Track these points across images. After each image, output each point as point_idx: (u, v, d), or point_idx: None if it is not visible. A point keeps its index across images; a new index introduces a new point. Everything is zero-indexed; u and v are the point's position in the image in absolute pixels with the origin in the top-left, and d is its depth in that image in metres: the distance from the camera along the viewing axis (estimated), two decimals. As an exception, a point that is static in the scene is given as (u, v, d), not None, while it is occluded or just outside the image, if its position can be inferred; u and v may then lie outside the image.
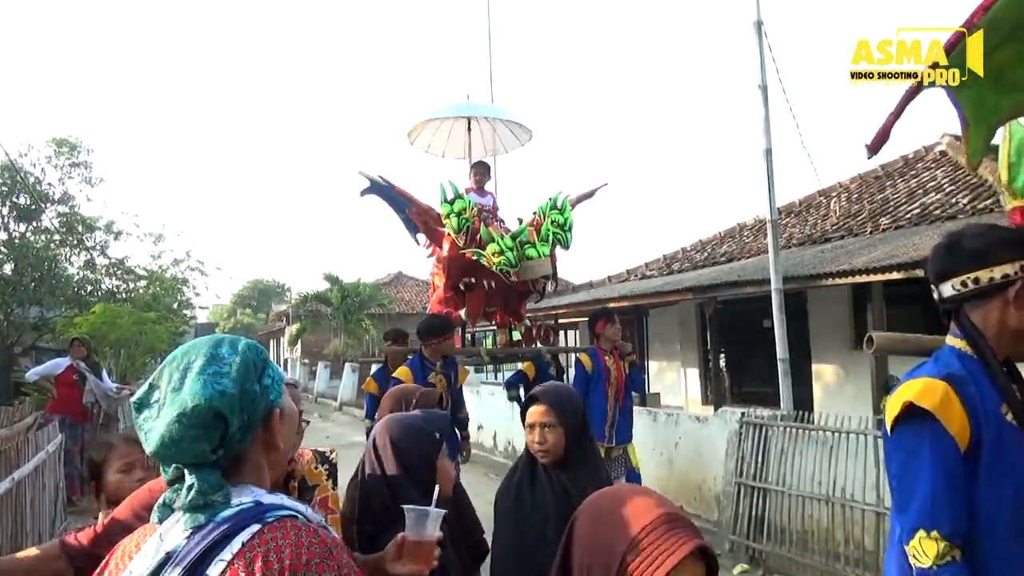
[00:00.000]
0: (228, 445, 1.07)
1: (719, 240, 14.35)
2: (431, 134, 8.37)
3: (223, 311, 54.97)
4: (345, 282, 25.81)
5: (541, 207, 6.80)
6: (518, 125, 8.24)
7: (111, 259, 20.68)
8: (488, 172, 7.45)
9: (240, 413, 1.07)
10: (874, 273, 6.85)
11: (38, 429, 5.44)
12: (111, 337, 12.75)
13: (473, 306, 6.86)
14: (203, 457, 1.05)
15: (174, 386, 1.07)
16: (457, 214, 6.47)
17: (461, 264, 6.61)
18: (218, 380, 1.07)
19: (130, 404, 1.10)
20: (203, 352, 1.10)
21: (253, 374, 1.11)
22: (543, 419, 2.41)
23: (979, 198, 8.78)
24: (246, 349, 1.14)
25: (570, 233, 6.70)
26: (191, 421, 1.03)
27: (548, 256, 6.57)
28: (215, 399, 1.05)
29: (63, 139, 19.58)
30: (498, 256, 6.39)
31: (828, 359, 10.08)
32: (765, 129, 6.80)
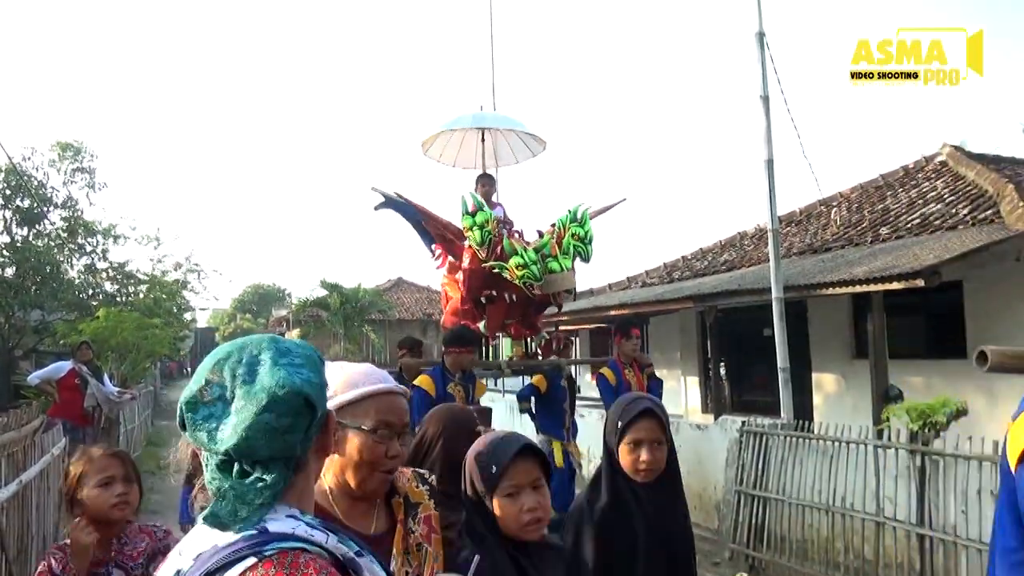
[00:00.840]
0: (306, 440, 1.05)
1: (720, 248, 14.38)
2: (444, 144, 8.39)
3: (223, 316, 54.94)
4: (345, 288, 25.84)
5: (561, 219, 6.73)
6: (532, 136, 8.23)
7: (112, 263, 20.72)
8: (494, 184, 7.44)
9: (321, 404, 1.06)
10: (874, 283, 6.88)
11: (44, 432, 5.47)
12: (112, 342, 12.77)
13: (493, 319, 6.84)
14: (290, 449, 1.01)
15: (244, 379, 1.02)
16: (480, 226, 6.41)
17: (482, 277, 6.55)
18: (299, 370, 1.04)
19: (182, 404, 1.04)
20: (266, 346, 1.07)
21: (320, 368, 1.10)
22: (657, 435, 2.17)
23: (979, 208, 8.83)
24: (304, 346, 1.12)
25: (591, 246, 6.64)
26: (284, 408, 1.00)
27: (571, 269, 6.52)
28: (305, 386, 1.02)
29: (67, 143, 19.62)
30: (522, 269, 6.31)
31: (828, 368, 10.11)
32: (766, 139, 6.86)
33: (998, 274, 7.77)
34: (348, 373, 1.59)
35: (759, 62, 7.03)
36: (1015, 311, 7.74)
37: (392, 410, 1.58)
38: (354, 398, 1.55)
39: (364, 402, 1.55)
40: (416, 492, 1.74)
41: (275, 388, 1.00)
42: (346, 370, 1.60)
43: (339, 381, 1.55)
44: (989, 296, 8.05)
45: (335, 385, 1.52)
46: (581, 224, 6.60)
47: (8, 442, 4.20)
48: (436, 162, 8.54)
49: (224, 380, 1.03)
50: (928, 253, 7.29)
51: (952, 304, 8.40)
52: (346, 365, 1.64)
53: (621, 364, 5.93)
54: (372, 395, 1.56)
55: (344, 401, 1.53)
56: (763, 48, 7.08)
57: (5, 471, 4.11)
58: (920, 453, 4.91)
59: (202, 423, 1.01)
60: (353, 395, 1.55)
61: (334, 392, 1.50)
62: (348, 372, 1.60)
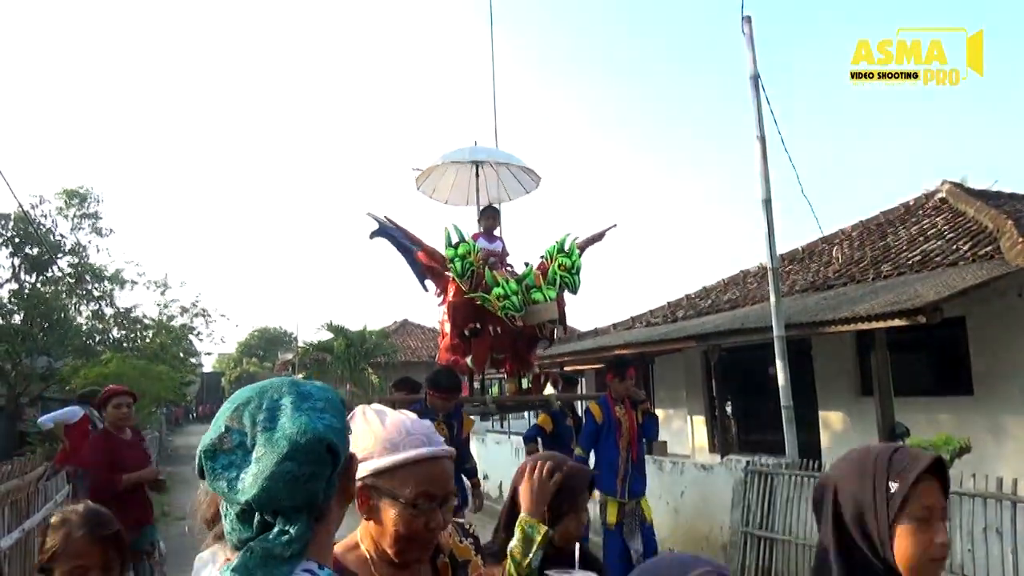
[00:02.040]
0: (329, 488, 1.00)
1: (723, 287, 14.41)
2: (438, 179, 8.29)
3: (229, 360, 54.98)
4: (351, 330, 25.85)
5: (548, 250, 6.68)
6: (527, 171, 8.16)
7: (119, 309, 20.85)
8: (497, 217, 7.39)
9: (344, 451, 1.01)
10: (877, 320, 6.89)
11: (47, 479, 5.47)
12: (118, 387, 12.78)
13: (479, 353, 6.71)
14: (313, 499, 0.96)
15: (264, 426, 0.97)
16: (461, 258, 6.37)
17: (466, 309, 6.49)
18: (321, 415, 1.00)
19: (201, 453, 0.99)
20: (287, 391, 1.03)
21: (342, 412, 1.06)
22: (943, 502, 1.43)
23: (979, 245, 8.86)
24: (325, 389, 1.08)
25: (578, 277, 6.56)
26: (306, 457, 0.95)
27: (554, 300, 6.39)
28: (328, 432, 0.98)
29: (73, 190, 19.92)
30: (503, 300, 6.23)
31: (834, 406, 10.05)
32: (763, 178, 6.95)
33: (1001, 310, 7.78)
34: (387, 431, 1.41)
35: (755, 104, 7.16)
36: (1019, 346, 7.73)
37: (436, 479, 1.40)
38: (393, 464, 1.37)
39: (404, 469, 1.37)
40: (461, 548, 1.63)
41: (296, 435, 0.96)
42: (385, 426, 1.42)
43: (377, 440, 1.40)
44: (992, 332, 8.04)
45: (371, 444, 1.39)
46: (568, 254, 6.55)
47: (12, 489, 4.22)
48: (430, 198, 8.49)
49: (244, 427, 0.98)
50: (929, 290, 7.31)
51: (956, 340, 8.39)
52: (384, 417, 1.45)
53: (612, 401, 5.79)
54: (412, 463, 1.38)
55: (382, 467, 1.37)
56: (758, 90, 7.21)
57: (8, 518, 4.11)
58: (925, 491, 4.86)
59: (222, 472, 0.96)
60: (392, 461, 1.38)
61: (370, 453, 1.37)
62: (387, 430, 1.41)
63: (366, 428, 1.41)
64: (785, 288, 10.85)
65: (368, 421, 1.43)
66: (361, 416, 1.44)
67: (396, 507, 1.37)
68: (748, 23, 7.26)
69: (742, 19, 7.29)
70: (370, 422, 1.42)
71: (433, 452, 1.41)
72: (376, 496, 1.38)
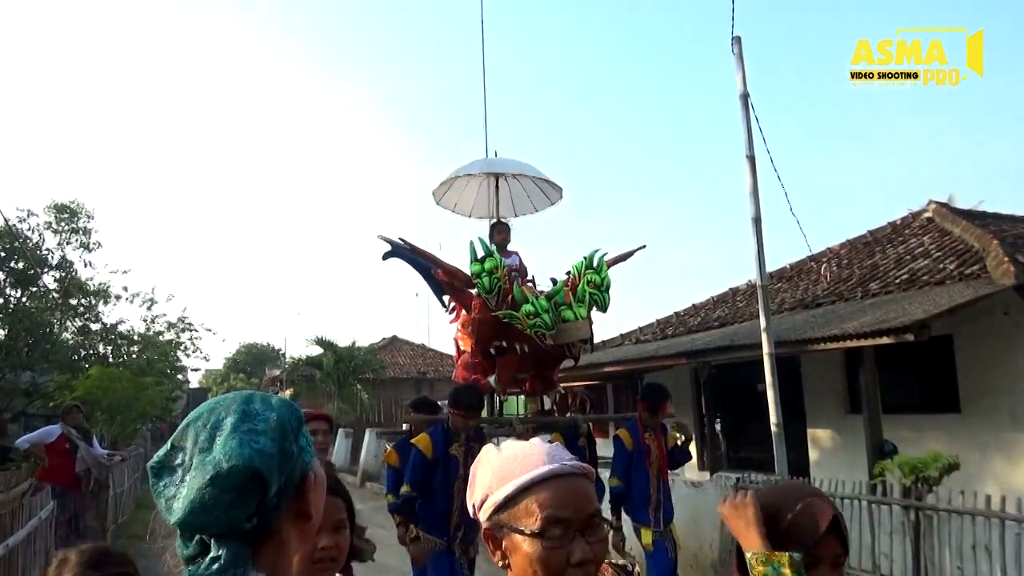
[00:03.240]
0: (263, 512, 0.95)
1: (713, 305, 14.47)
2: (458, 193, 8.02)
3: (216, 376, 54.56)
4: (339, 346, 25.77)
5: (576, 266, 6.33)
6: (548, 183, 7.87)
7: (105, 324, 20.67)
8: (509, 231, 7.13)
9: (279, 475, 0.96)
10: (864, 338, 6.94)
11: (32, 495, 5.40)
12: (104, 402, 12.67)
13: (505, 372, 6.39)
14: (237, 526, 0.93)
15: (202, 446, 0.96)
16: (489, 273, 6.05)
17: (492, 327, 6.18)
18: (255, 438, 0.96)
19: (148, 468, 0.98)
20: (234, 409, 1.00)
21: (290, 433, 1.00)
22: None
23: (966, 264, 8.94)
24: (281, 405, 1.03)
25: (608, 294, 6.19)
26: (227, 484, 0.92)
27: (586, 318, 6.09)
28: (254, 459, 0.94)
29: (63, 204, 19.79)
30: (533, 318, 5.91)
31: (823, 424, 10.08)
32: (753, 197, 6.99)
33: (987, 328, 7.85)
34: (502, 461, 1.23)
35: (744, 122, 7.23)
36: (1006, 364, 7.79)
37: (564, 500, 1.15)
38: (509, 495, 1.18)
39: (524, 495, 1.16)
40: None
41: (222, 461, 0.93)
42: (501, 457, 1.25)
43: (493, 474, 1.22)
44: (979, 350, 8.10)
45: (487, 480, 1.22)
46: (597, 271, 6.17)
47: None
48: (451, 212, 8.16)
49: (187, 446, 0.98)
50: (917, 308, 7.37)
51: (943, 358, 8.45)
52: (503, 449, 1.27)
53: (642, 427, 5.54)
54: (529, 486, 1.17)
55: (499, 500, 1.19)
56: (747, 109, 7.28)
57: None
58: (914, 508, 4.89)
59: (163, 490, 0.96)
60: (507, 492, 1.18)
61: (488, 490, 1.21)
62: (502, 459, 1.24)
63: (484, 466, 1.24)
64: (774, 306, 10.90)
65: (485, 459, 1.26)
66: (483, 455, 1.28)
67: (525, 543, 1.14)
68: (738, 43, 7.34)
69: (732, 39, 7.38)
70: (488, 459, 1.25)
71: (554, 470, 1.17)
72: (502, 536, 1.19)
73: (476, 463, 1.27)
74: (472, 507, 1.25)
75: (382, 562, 9.30)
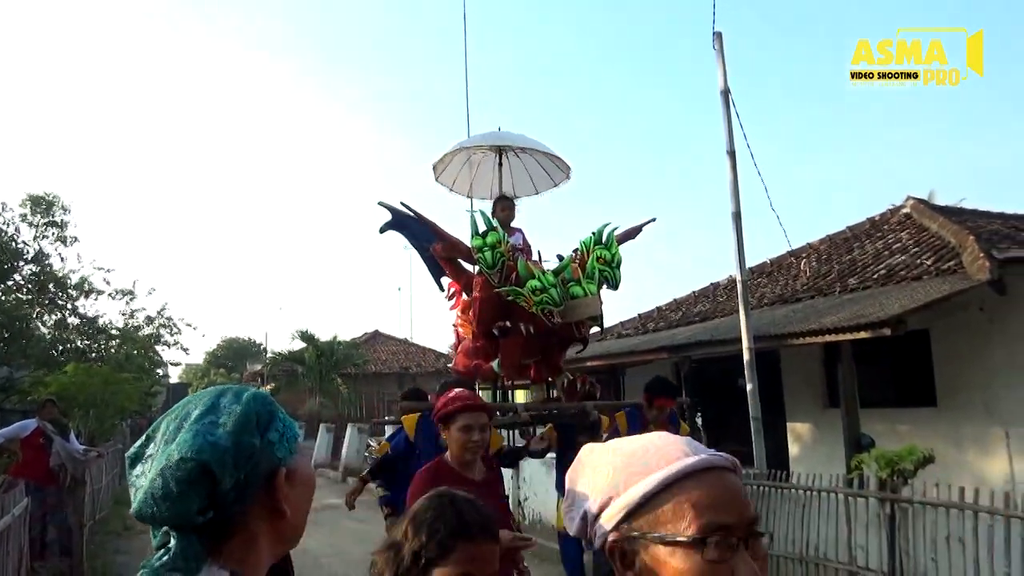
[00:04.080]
0: (221, 506, 0.94)
1: (694, 300, 14.53)
2: (457, 169, 7.51)
3: (196, 371, 54.17)
4: (321, 341, 25.66)
5: (584, 242, 6.01)
6: (555, 160, 7.37)
7: (83, 318, 20.42)
8: (514, 207, 6.66)
9: (233, 469, 0.95)
10: (842, 332, 6.99)
11: (5, 491, 5.32)
12: (80, 398, 12.52)
13: (509, 355, 5.91)
14: (188, 518, 0.93)
15: (168, 438, 0.97)
16: (491, 247, 5.64)
17: (495, 305, 5.76)
18: (211, 431, 0.96)
19: (125, 458, 1.00)
20: (204, 402, 1.01)
21: (254, 426, 0.99)
22: None
23: (942, 259, 9.03)
24: (250, 399, 1.02)
25: (618, 271, 5.87)
26: (175, 475, 0.92)
27: (595, 295, 5.73)
28: (204, 451, 0.93)
29: (39, 197, 19.51)
30: (539, 294, 5.50)
31: (802, 418, 10.16)
32: (733, 193, 7.02)
33: (963, 323, 7.93)
34: (626, 456, 0.95)
35: (724, 119, 7.25)
36: (981, 359, 7.88)
37: (723, 501, 0.88)
38: (649, 493, 0.89)
39: (668, 496, 0.88)
40: None
41: (174, 452, 0.94)
42: (625, 451, 0.96)
43: (615, 473, 0.94)
44: (955, 345, 8.20)
45: (605, 483, 0.94)
46: (607, 246, 5.86)
47: (-34, 502, 4.09)
48: (449, 190, 7.77)
49: (157, 436, 0.99)
50: (894, 303, 7.43)
51: (920, 353, 8.53)
52: (622, 443, 0.99)
53: (645, 418, 5.35)
54: (677, 480, 0.89)
55: (632, 503, 0.90)
56: (728, 105, 7.30)
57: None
58: (890, 501, 4.94)
59: (134, 479, 0.97)
60: (646, 489, 0.89)
61: (607, 496, 0.93)
62: (626, 455, 0.95)
63: (599, 466, 0.97)
64: (754, 301, 10.96)
65: (598, 459, 0.98)
66: (588, 456, 1.01)
67: (675, 556, 0.86)
68: (719, 39, 7.36)
69: (713, 35, 7.40)
70: (601, 457, 0.98)
71: (707, 461, 0.90)
72: (638, 551, 0.89)
73: (577, 467, 1.01)
74: (583, 521, 0.96)
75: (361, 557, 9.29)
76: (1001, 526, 4.51)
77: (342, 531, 9.86)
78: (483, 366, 5.90)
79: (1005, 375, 7.66)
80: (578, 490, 0.99)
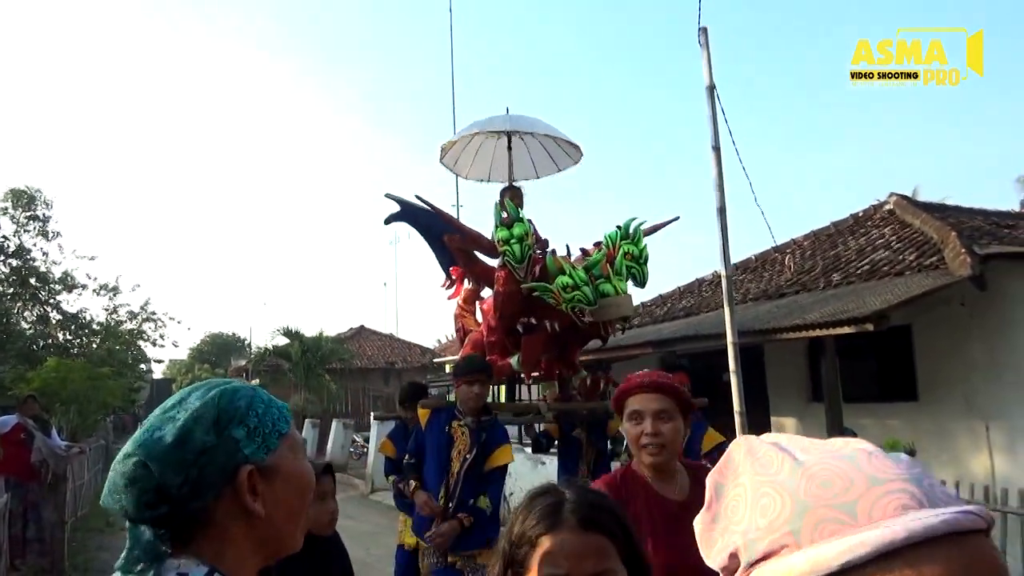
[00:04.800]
0: (175, 501, 0.93)
1: (679, 295, 14.58)
2: (463, 151, 7.22)
3: (180, 366, 53.84)
4: (306, 336, 25.56)
5: (609, 235, 5.70)
6: (565, 143, 7.07)
7: (65, 313, 20.24)
8: (522, 198, 6.44)
9: (177, 466, 0.93)
10: (826, 327, 7.04)
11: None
12: (62, 393, 12.42)
13: (530, 352, 5.62)
14: (138, 511, 0.93)
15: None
16: (519, 240, 5.24)
17: (519, 301, 5.41)
18: (161, 427, 0.96)
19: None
20: (175, 397, 1.02)
21: (210, 423, 0.96)
22: None
23: (925, 255, 9.11)
24: (217, 396, 1.00)
25: (646, 267, 5.60)
26: (120, 470, 0.94)
27: (628, 293, 5.47)
28: (144, 447, 0.94)
29: (20, 191, 19.31)
30: (570, 291, 5.17)
31: (786, 412, 10.23)
32: (718, 188, 7.02)
33: (944, 318, 8.01)
34: (814, 483, 0.60)
35: (710, 114, 7.26)
36: (962, 354, 7.96)
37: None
38: (849, 564, 0.55)
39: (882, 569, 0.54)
40: None
41: (124, 447, 0.96)
42: (812, 473, 0.61)
43: (797, 507, 0.60)
44: (936, 339, 8.27)
45: (787, 518, 0.60)
46: (635, 241, 5.58)
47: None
48: (454, 173, 7.59)
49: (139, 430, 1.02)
50: (877, 298, 7.49)
51: (902, 348, 8.61)
52: (809, 454, 0.63)
53: None
54: (902, 551, 0.54)
55: (818, 571, 0.56)
56: (714, 100, 7.31)
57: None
58: (872, 495, 4.97)
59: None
60: (846, 557, 0.55)
61: (788, 538, 0.59)
62: (815, 480, 0.60)
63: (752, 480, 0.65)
64: (739, 296, 11.02)
65: (751, 466, 0.66)
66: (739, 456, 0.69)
67: None
68: (704, 34, 7.35)
69: (698, 30, 7.40)
70: (758, 468, 0.65)
71: (954, 522, 0.55)
72: None
73: (727, 470, 0.70)
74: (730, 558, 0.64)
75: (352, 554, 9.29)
76: (981, 519, 4.55)
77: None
78: (499, 362, 5.55)
79: (985, 370, 7.75)
80: (727, 507, 0.67)
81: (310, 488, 1.09)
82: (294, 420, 4.84)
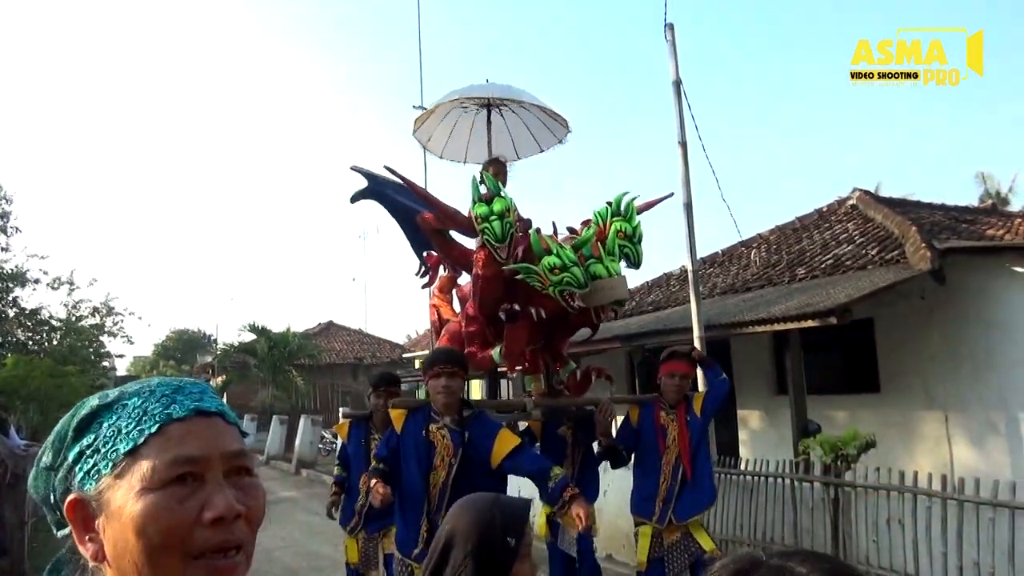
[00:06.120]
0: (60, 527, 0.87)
1: (647, 289, 14.68)
2: (438, 126, 6.43)
3: (145, 363, 53.03)
4: (273, 332, 25.31)
5: (599, 213, 5.08)
6: (552, 116, 6.29)
7: (23, 309, 19.79)
8: (505, 171, 5.72)
9: (40, 487, 0.85)
10: (790, 321, 7.14)
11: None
12: (22, 391, 12.17)
13: (515, 342, 4.97)
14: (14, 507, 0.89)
15: None
16: (500, 216, 4.54)
17: (501, 285, 4.82)
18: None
19: None
20: None
21: (58, 440, 0.84)
22: None
23: (887, 249, 9.28)
24: (80, 406, 0.85)
25: (640, 247, 4.99)
26: None
27: (621, 275, 4.86)
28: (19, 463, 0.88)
29: (-23, 186, 18.86)
30: (558, 273, 4.51)
31: (752, 405, 10.37)
32: (684, 183, 7.11)
33: (905, 311, 8.18)
34: None
35: (676, 110, 7.33)
36: (922, 346, 8.14)
37: None
38: None
39: None
40: None
41: None
42: None
43: None
44: (897, 332, 8.44)
45: None
46: (627, 218, 4.96)
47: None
48: (426, 148, 6.83)
49: None
50: (840, 292, 7.62)
51: (864, 341, 8.77)
52: None
53: (659, 404, 4.87)
54: None
55: None
56: (680, 96, 7.38)
57: None
58: (834, 485, 5.08)
59: None
60: None
61: None
62: None
63: None
64: (706, 290, 11.14)
65: None
66: None
67: None
68: (671, 30, 7.43)
69: (665, 26, 7.46)
70: None
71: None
72: None
73: None
74: None
75: (314, 550, 9.23)
76: (938, 508, 4.69)
77: (294, 524, 9.77)
78: (479, 355, 5.06)
79: (943, 362, 7.92)
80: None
81: (154, 533, 0.76)
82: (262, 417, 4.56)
